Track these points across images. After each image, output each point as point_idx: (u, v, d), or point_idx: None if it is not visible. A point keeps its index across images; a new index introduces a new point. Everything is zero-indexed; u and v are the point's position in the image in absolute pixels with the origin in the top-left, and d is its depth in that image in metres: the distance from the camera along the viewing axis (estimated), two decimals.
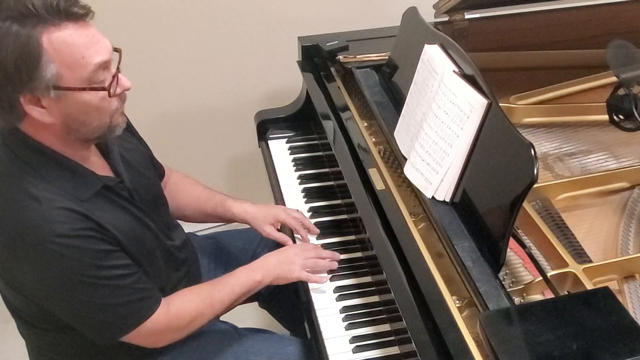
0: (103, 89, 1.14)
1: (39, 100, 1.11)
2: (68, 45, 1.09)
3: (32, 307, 1.29)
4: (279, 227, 1.64)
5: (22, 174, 1.17)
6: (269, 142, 1.96)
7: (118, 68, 1.18)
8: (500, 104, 1.28)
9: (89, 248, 1.17)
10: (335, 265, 1.51)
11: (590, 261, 1.27)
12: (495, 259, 1.19)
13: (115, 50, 1.17)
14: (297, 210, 1.68)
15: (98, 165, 1.29)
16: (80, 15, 1.10)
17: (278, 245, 1.60)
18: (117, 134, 1.24)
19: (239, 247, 1.76)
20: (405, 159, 1.45)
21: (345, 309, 1.43)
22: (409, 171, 1.42)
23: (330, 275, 1.51)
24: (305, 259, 1.48)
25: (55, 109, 1.13)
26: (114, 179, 1.29)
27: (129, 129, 1.48)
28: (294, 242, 1.61)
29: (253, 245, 1.76)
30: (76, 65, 1.10)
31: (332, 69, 1.84)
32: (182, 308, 1.34)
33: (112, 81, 1.15)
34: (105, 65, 1.14)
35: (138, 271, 1.28)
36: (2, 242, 1.17)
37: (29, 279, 1.20)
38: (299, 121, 1.97)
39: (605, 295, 1.08)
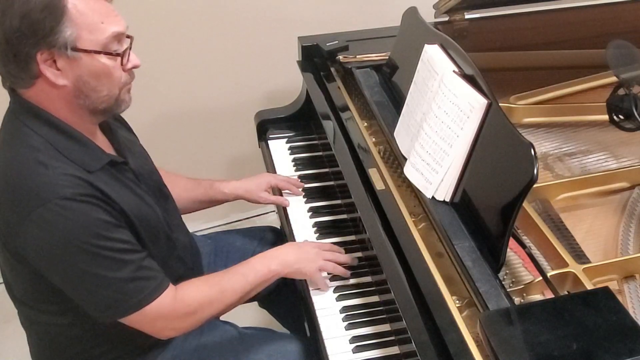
0: (118, 54, 1.20)
1: (54, 62, 1.15)
2: (90, 10, 1.16)
3: (33, 287, 1.29)
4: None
5: (32, 142, 1.19)
6: (269, 142, 1.96)
7: (130, 45, 1.23)
8: (500, 104, 1.28)
9: (92, 215, 1.18)
10: (348, 273, 1.48)
11: (590, 261, 1.27)
12: (495, 259, 1.19)
13: (128, 36, 1.23)
14: (280, 175, 1.76)
15: (104, 144, 1.31)
16: None
17: (277, 243, 1.60)
18: (123, 110, 1.29)
19: (238, 246, 1.76)
20: (405, 159, 1.45)
21: (345, 309, 1.43)
22: (409, 171, 1.42)
23: (331, 276, 1.51)
24: (325, 259, 1.47)
25: (70, 70, 1.17)
26: (120, 159, 1.31)
27: (127, 127, 1.50)
28: (292, 237, 1.62)
29: (252, 245, 1.76)
30: (95, 29, 1.16)
31: (332, 69, 1.84)
32: (189, 294, 1.33)
33: (125, 52, 1.21)
34: (119, 38, 1.21)
35: (143, 251, 1.27)
36: (8, 206, 1.19)
37: (32, 243, 1.19)
38: (299, 121, 1.97)
39: (605, 295, 1.08)
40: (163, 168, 1.66)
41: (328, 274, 1.50)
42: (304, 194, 1.73)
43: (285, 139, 1.96)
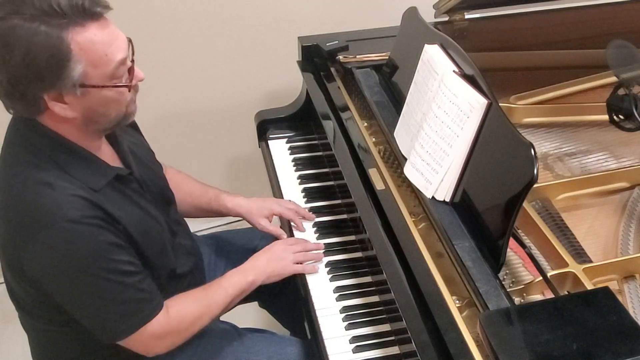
0: (125, 86, 1.18)
1: (62, 97, 1.14)
2: (93, 44, 1.11)
3: (37, 297, 1.29)
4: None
5: (37, 161, 1.18)
6: (269, 142, 1.96)
7: (132, 60, 1.20)
8: (500, 104, 1.28)
9: (97, 237, 1.18)
10: (321, 256, 1.54)
11: (590, 261, 1.27)
12: (495, 259, 1.19)
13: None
14: (290, 200, 1.69)
15: (109, 156, 1.31)
16: (102, 14, 1.13)
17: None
18: (130, 121, 1.29)
19: (239, 246, 1.76)
20: (405, 159, 1.45)
21: (345, 309, 1.43)
22: (409, 171, 1.42)
23: (331, 276, 1.51)
24: (294, 252, 1.51)
25: (77, 104, 1.15)
26: (125, 170, 1.31)
27: (134, 126, 1.50)
28: (292, 233, 1.62)
29: (253, 244, 1.76)
30: (100, 63, 1.13)
31: (332, 69, 1.84)
32: (181, 311, 1.34)
33: (130, 76, 1.19)
34: (124, 61, 1.17)
35: (143, 272, 1.28)
36: (13, 226, 1.18)
37: (37, 264, 1.19)
38: (299, 121, 1.97)
39: (605, 295, 1.08)
40: (173, 167, 1.67)
41: (328, 272, 1.51)
42: (311, 225, 1.66)
43: (285, 139, 1.96)
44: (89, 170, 1.22)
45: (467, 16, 1.88)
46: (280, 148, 1.93)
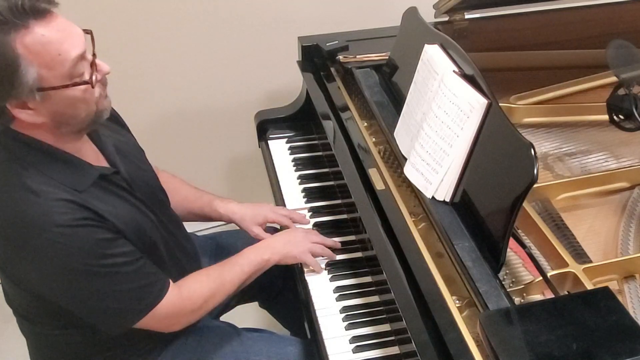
0: (86, 82, 1.14)
1: (25, 103, 1.11)
2: (43, 45, 1.07)
3: (34, 304, 1.29)
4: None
5: (18, 169, 1.17)
6: (269, 142, 1.96)
7: (94, 54, 1.16)
8: (500, 104, 1.28)
9: (89, 237, 1.17)
10: (334, 256, 1.54)
11: (590, 261, 1.27)
12: (495, 259, 1.19)
13: (86, 32, 1.15)
14: (283, 207, 1.70)
15: (93, 156, 1.29)
16: (47, 10, 1.09)
17: None
18: (105, 117, 1.24)
19: (239, 247, 1.74)
20: (405, 159, 1.45)
21: (345, 309, 1.43)
22: (409, 171, 1.42)
23: (331, 276, 1.51)
24: (312, 242, 1.51)
25: (43, 108, 1.13)
26: (110, 169, 1.30)
27: (120, 122, 1.48)
28: None
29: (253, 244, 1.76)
30: (54, 63, 1.09)
31: (332, 69, 1.84)
32: (193, 290, 1.35)
33: (92, 71, 1.15)
34: (82, 57, 1.13)
35: (142, 257, 1.27)
36: (3, 238, 1.18)
37: (33, 274, 1.19)
38: (299, 121, 1.97)
39: (605, 295, 1.08)
40: (167, 171, 1.67)
41: (328, 272, 1.51)
42: (311, 225, 1.66)
43: (285, 139, 1.96)
44: (70, 172, 1.20)
45: (467, 16, 1.88)
46: (280, 148, 1.93)
